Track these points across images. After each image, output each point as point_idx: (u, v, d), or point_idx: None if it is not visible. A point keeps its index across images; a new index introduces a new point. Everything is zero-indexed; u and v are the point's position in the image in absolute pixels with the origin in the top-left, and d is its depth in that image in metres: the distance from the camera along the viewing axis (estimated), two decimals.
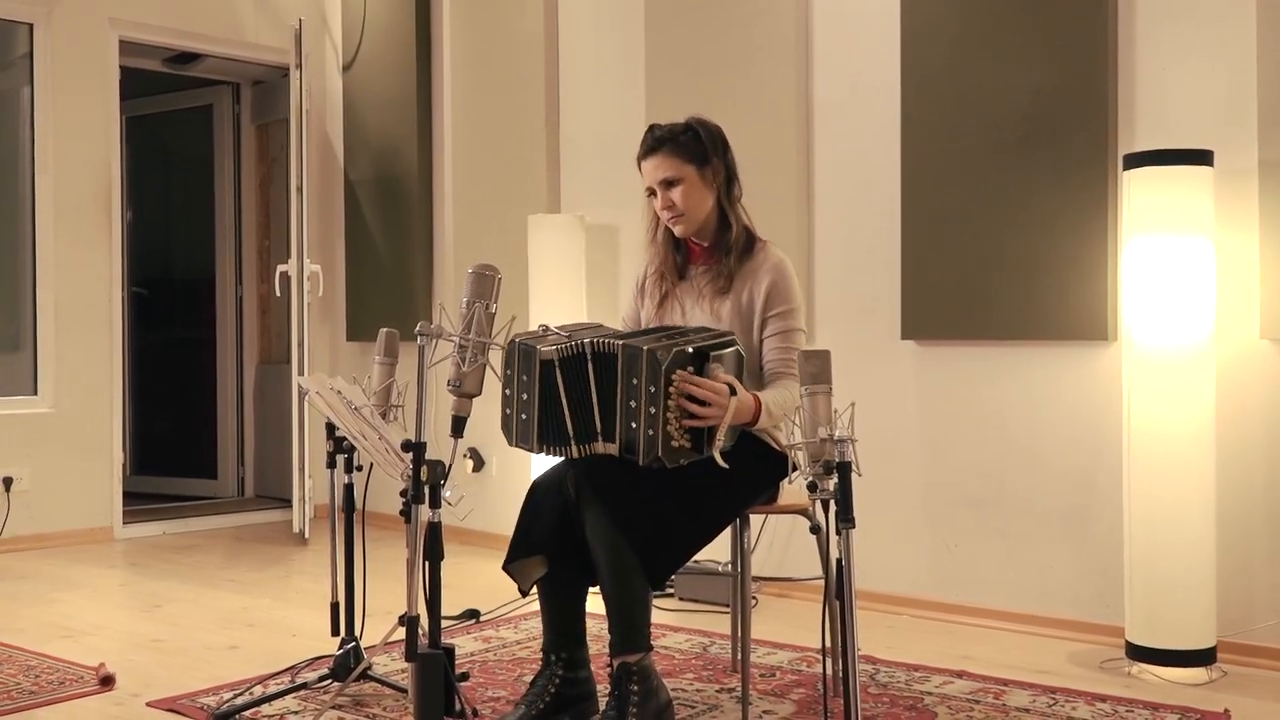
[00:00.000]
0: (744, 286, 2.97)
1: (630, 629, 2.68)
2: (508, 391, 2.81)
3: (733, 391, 2.64)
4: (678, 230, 3.01)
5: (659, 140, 2.97)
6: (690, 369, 2.62)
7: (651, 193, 3.00)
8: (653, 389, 2.59)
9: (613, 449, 2.68)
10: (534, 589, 2.84)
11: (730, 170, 3.01)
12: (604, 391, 2.68)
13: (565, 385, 2.72)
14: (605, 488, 2.65)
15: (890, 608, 4.14)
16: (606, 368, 2.67)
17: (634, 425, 2.62)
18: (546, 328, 2.81)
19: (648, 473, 2.64)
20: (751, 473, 2.82)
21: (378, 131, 6.01)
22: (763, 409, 2.76)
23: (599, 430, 2.70)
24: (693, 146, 2.96)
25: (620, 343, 2.65)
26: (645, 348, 2.60)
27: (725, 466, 2.62)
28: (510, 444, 2.85)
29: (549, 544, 2.75)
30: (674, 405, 2.59)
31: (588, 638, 2.90)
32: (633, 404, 2.62)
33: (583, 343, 2.71)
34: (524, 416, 2.81)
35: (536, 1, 5.25)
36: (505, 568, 2.79)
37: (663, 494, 2.66)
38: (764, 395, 2.79)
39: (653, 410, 2.59)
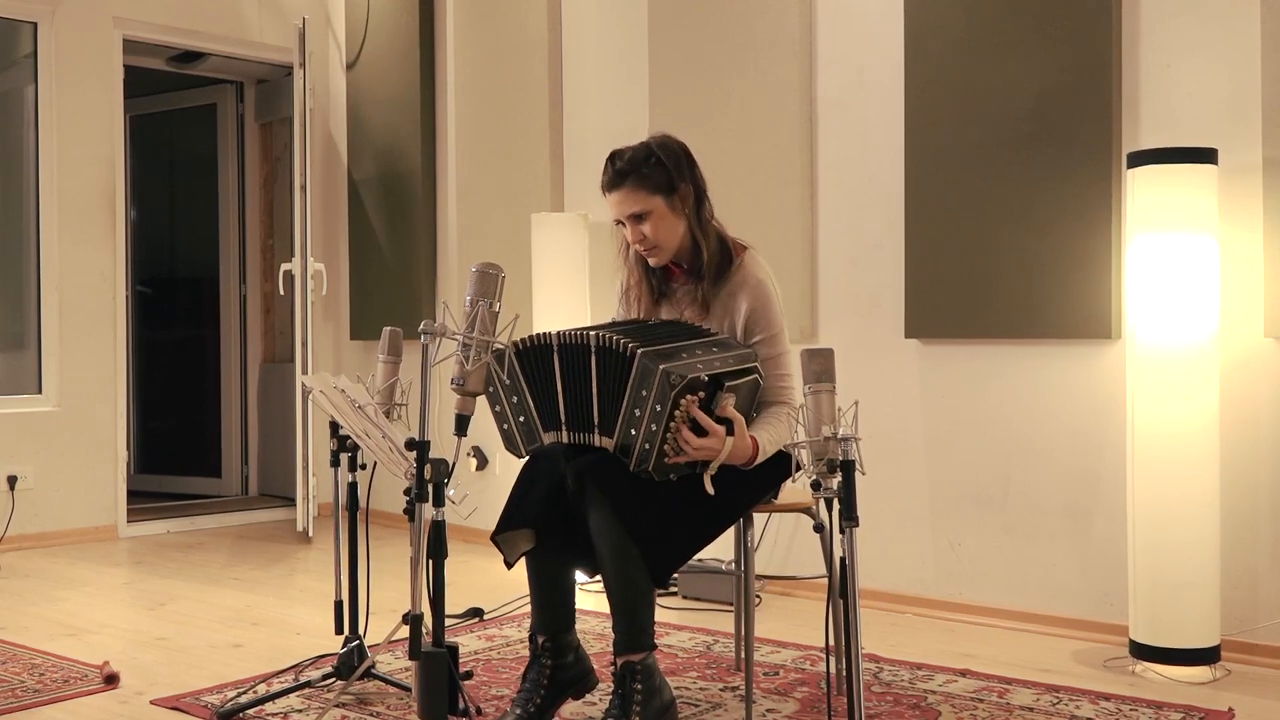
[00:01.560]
0: (722, 311, 2.88)
1: (634, 628, 2.68)
2: (497, 408, 2.80)
3: (730, 432, 2.62)
4: (652, 261, 2.93)
5: (621, 173, 2.83)
6: (702, 394, 2.60)
7: (620, 224, 2.91)
8: (659, 408, 2.57)
9: (608, 444, 2.68)
10: (520, 564, 2.82)
11: (699, 190, 2.89)
12: (605, 387, 2.67)
13: (562, 371, 2.72)
14: (609, 483, 2.65)
15: (894, 606, 4.14)
16: (613, 366, 2.66)
17: (633, 432, 2.62)
18: (547, 334, 2.80)
19: (656, 483, 2.64)
20: (755, 472, 2.81)
21: (381, 130, 6.01)
22: (759, 452, 2.71)
23: (595, 423, 2.70)
24: (658, 175, 2.82)
25: (639, 350, 2.60)
26: (661, 367, 2.56)
27: (711, 493, 2.62)
28: (523, 455, 2.85)
29: (538, 519, 2.74)
30: (675, 428, 2.58)
31: (577, 622, 2.89)
32: (636, 413, 2.61)
33: (587, 335, 2.70)
34: (522, 419, 2.81)
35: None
36: (494, 538, 2.76)
37: (667, 491, 2.66)
38: (761, 436, 2.72)
39: (654, 427, 2.58)
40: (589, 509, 2.67)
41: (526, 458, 2.84)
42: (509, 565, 2.80)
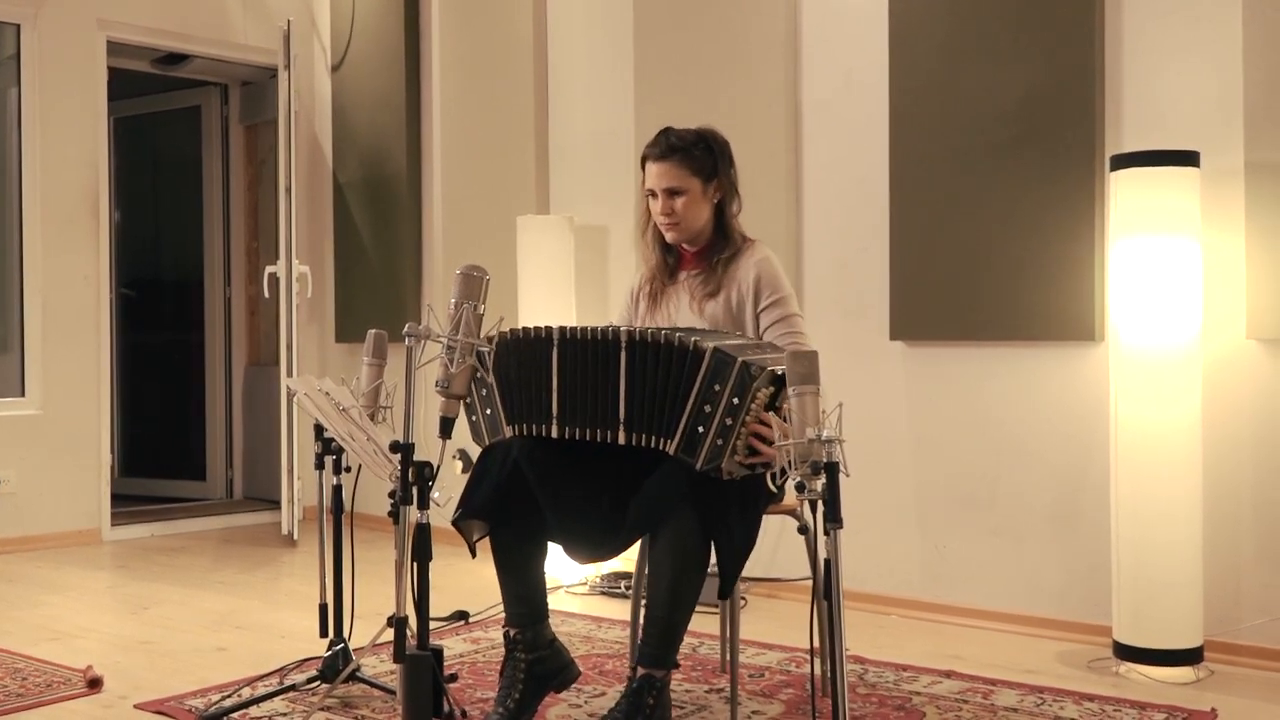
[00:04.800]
0: (732, 286, 3.00)
1: (669, 646, 2.67)
2: (468, 400, 2.79)
3: None
4: (669, 236, 3.04)
5: (671, 148, 2.99)
6: (771, 389, 2.58)
7: (651, 194, 3.02)
8: (735, 401, 2.53)
9: (668, 444, 2.61)
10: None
11: (733, 186, 3.04)
12: (646, 383, 2.63)
13: (561, 366, 2.70)
14: (706, 508, 2.61)
15: (878, 608, 4.15)
16: (655, 361, 2.62)
17: (700, 430, 2.57)
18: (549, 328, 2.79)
19: (728, 485, 2.61)
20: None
21: (366, 132, 6.00)
22: None
23: (621, 419, 2.65)
24: (703, 161, 2.99)
25: (710, 345, 2.58)
26: (740, 359, 2.54)
27: (775, 490, 2.60)
28: (484, 444, 2.85)
29: (487, 511, 2.76)
30: (749, 422, 2.55)
31: (564, 624, 2.89)
32: (707, 409, 2.56)
33: (613, 331, 2.67)
34: (489, 411, 2.81)
35: (526, 2, 5.25)
36: (453, 523, 2.79)
37: (730, 503, 2.65)
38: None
39: (729, 422, 2.54)
40: (672, 525, 2.62)
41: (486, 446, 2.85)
42: (472, 553, 2.84)
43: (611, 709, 2.67)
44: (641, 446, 2.65)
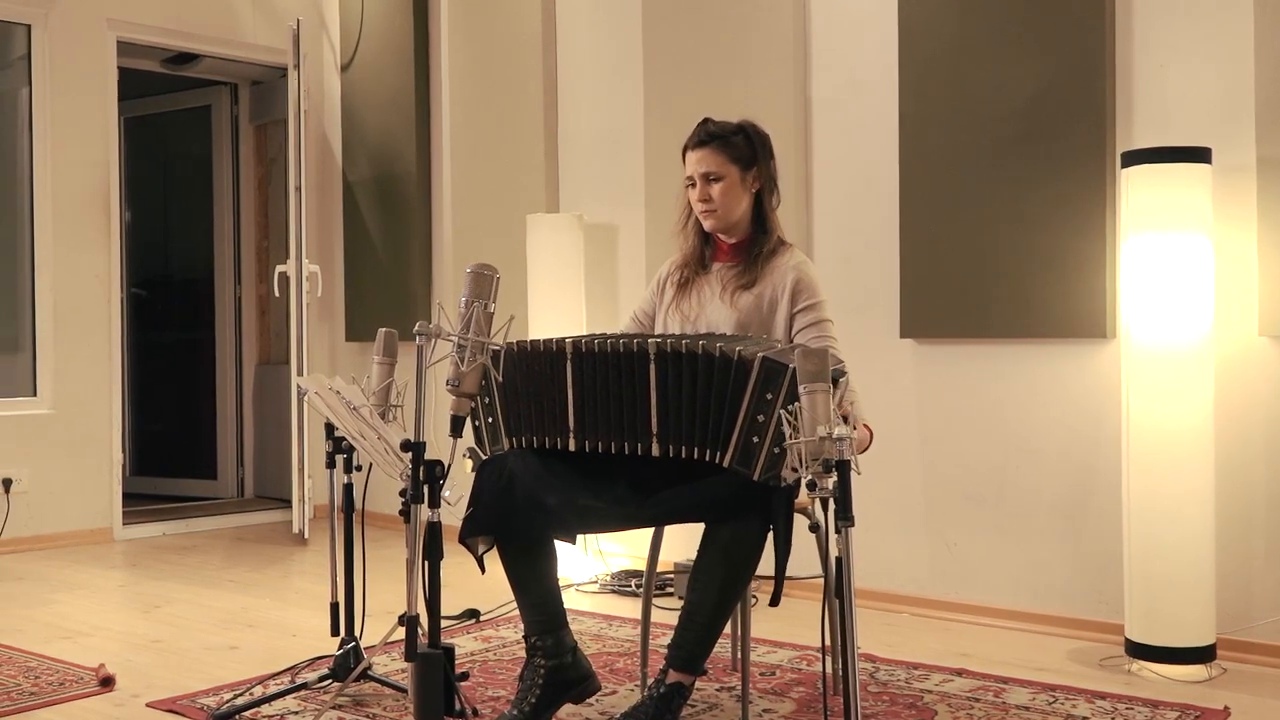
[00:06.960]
0: (767, 283, 3.01)
1: (701, 651, 2.68)
2: (473, 404, 2.78)
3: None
4: (707, 224, 3.05)
5: (710, 135, 3.02)
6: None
7: (691, 183, 3.04)
8: (790, 408, 2.51)
9: (721, 455, 2.59)
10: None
11: (772, 178, 3.07)
12: (675, 394, 2.62)
13: (576, 379, 2.69)
14: (768, 509, 2.61)
15: (890, 606, 4.15)
16: (692, 373, 2.60)
17: (755, 439, 2.55)
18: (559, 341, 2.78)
19: (783, 491, 2.61)
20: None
21: (376, 131, 6.01)
22: (870, 435, 2.80)
23: (654, 432, 2.64)
24: (741, 148, 3.02)
25: (758, 354, 2.55)
26: (791, 365, 2.50)
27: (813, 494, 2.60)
28: (486, 454, 2.85)
29: (489, 528, 2.78)
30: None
31: (573, 623, 2.89)
32: (760, 418, 2.54)
33: (643, 344, 2.65)
34: (490, 420, 2.81)
35: (535, 0, 5.25)
36: (460, 541, 2.79)
37: (782, 511, 2.66)
38: (859, 414, 2.78)
39: (784, 430, 2.51)
40: (735, 528, 2.62)
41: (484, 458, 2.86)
42: (481, 569, 2.83)
43: (635, 706, 2.67)
44: (682, 459, 2.63)
